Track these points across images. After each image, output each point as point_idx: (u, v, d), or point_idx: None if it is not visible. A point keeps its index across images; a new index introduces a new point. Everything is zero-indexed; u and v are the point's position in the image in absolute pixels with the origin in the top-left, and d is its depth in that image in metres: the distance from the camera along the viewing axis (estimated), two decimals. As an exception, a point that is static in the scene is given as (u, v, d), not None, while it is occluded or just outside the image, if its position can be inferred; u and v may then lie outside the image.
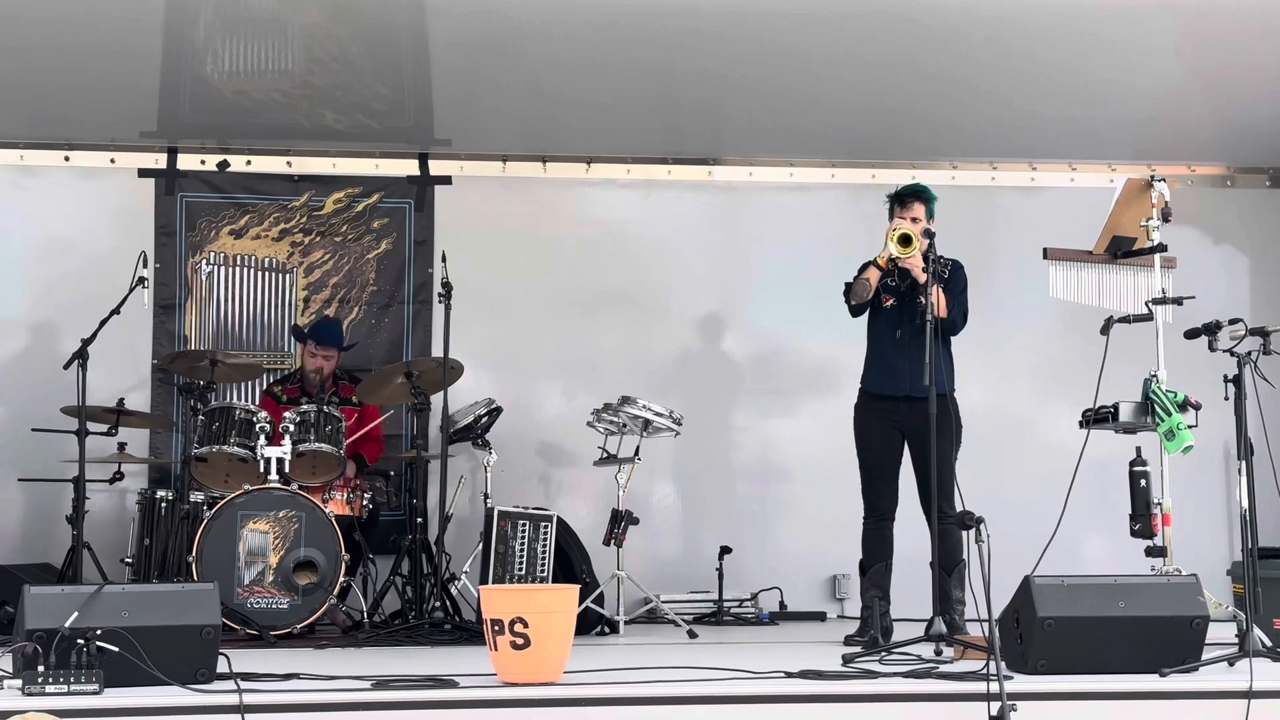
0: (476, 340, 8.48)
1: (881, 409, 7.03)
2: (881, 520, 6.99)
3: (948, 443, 6.66)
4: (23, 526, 8.65)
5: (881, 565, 6.93)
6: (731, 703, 5.09)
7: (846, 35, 7.69)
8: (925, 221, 6.93)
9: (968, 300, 7.04)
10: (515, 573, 7.68)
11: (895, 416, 6.89)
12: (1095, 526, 7.58)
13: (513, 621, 5.14)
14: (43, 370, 8.22)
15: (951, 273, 7.03)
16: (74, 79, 8.09)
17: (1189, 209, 8.26)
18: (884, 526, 6.99)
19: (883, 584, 6.92)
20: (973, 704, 4.93)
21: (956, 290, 6.99)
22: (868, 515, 7.03)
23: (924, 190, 7.09)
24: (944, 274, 6.98)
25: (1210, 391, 6.19)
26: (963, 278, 7.07)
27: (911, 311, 6.89)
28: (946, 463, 6.62)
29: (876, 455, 7.01)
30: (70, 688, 4.79)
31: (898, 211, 7.02)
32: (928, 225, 6.81)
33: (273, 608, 7.20)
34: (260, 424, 7.57)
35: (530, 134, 9.10)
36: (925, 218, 6.96)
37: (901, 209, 7.01)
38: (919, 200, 7.02)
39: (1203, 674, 5.39)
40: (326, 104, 8.57)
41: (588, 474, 8.52)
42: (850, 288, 7.04)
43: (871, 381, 7.11)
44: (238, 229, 9.08)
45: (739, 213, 9.46)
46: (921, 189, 7.10)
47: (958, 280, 7.04)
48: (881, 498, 7.00)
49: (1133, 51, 7.94)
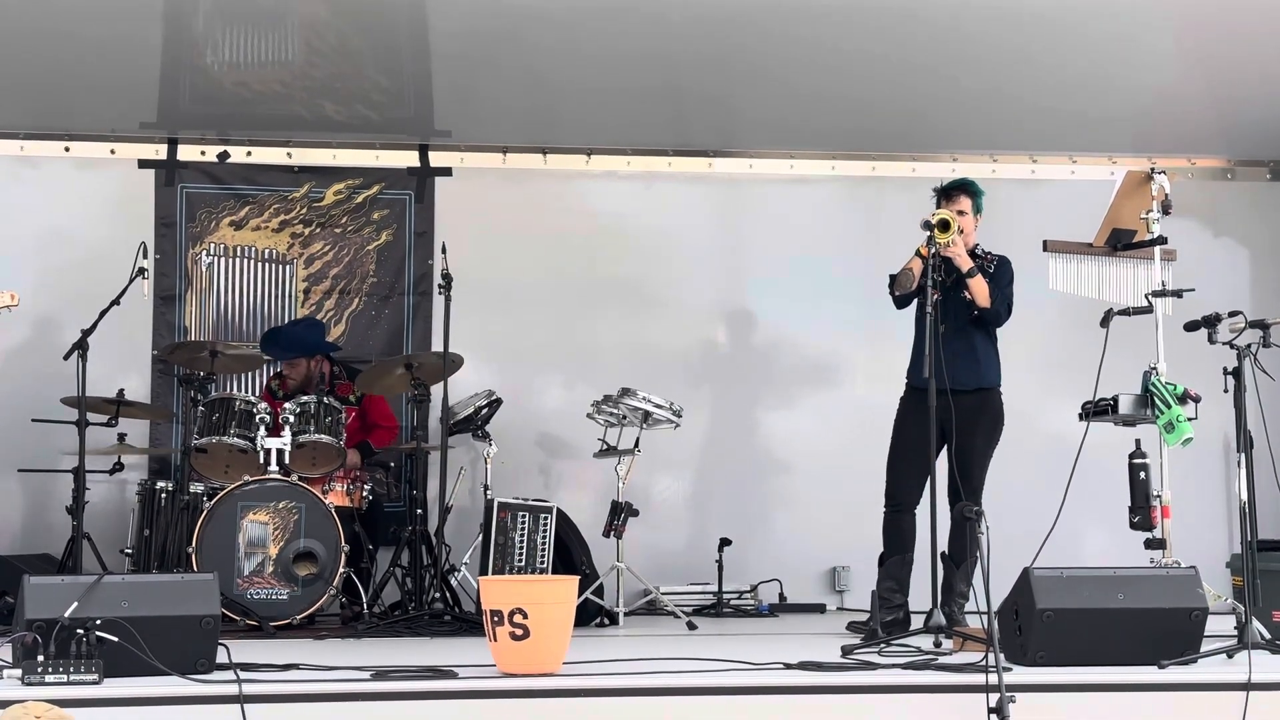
0: (476, 332, 8.49)
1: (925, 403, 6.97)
2: (899, 512, 6.95)
3: (985, 438, 6.64)
4: (22, 517, 8.66)
5: (898, 558, 6.91)
6: (730, 694, 5.10)
7: (848, 26, 7.67)
8: (972, 215, 6.91)
9: (1013, 294, 6.99)
10: (515, 564, 7.68)
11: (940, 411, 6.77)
12: (1095, 519, 7.57)
13: (512, 612, 5.14)
14: (42, 361, 8.21)
15: (997, 267, 7.00)
16: (74, 69, 8.08)
17: (1189, 202, 8.24)
18: (901, 519, 6.95)
19: (898, 576, 6.87)
20: (972, 696, 4.93)
21: (1002, 283, 6.95)
22: (886, 505, 6.99)
23: (970, 184, 7.03)
24: (989, 268, 6.96)
25: (1210, 384, 6.20)
26: (1009, 272, 7.03)
27: (955, 305, 6.78)
28: (980, 457, 6.60)
29: (910, 446, 6.86)
30: (70, 677, 4.80)
31: (943, 205, 6.92)
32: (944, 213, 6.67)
33: (272, 598, 7.21)
34: (260, 415, 7.57)
35: (530, 126, 9.09)
36: (971, 211, 6.92)
37: (947, 203, 6.93)
38: (965, 193, 6.97)
39: (1201, 666, 5.40)
40: (326, 95, 8.57)
41: (587, 466, 8.52)
42: (894, 279, 6.95)
43: (915, 375, 6.96)
44: (238, 220, 9.08)
45: (739, 205, 9.46)
46: (967, 182, 7.04)
47: (1003, 274, 7.00)
48: (902, 489, 6.93)
49: (1133, 44, 7.93)
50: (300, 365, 8.36)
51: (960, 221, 6.68)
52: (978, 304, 6.79)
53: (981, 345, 6.91)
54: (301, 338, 8.46)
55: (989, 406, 6.72)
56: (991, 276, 6.91)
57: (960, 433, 6.33)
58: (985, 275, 6.85)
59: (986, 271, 6.90)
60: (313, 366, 8.38)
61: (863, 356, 9.04)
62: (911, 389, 7.01)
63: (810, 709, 5.06)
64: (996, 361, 7.00)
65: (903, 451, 6.96)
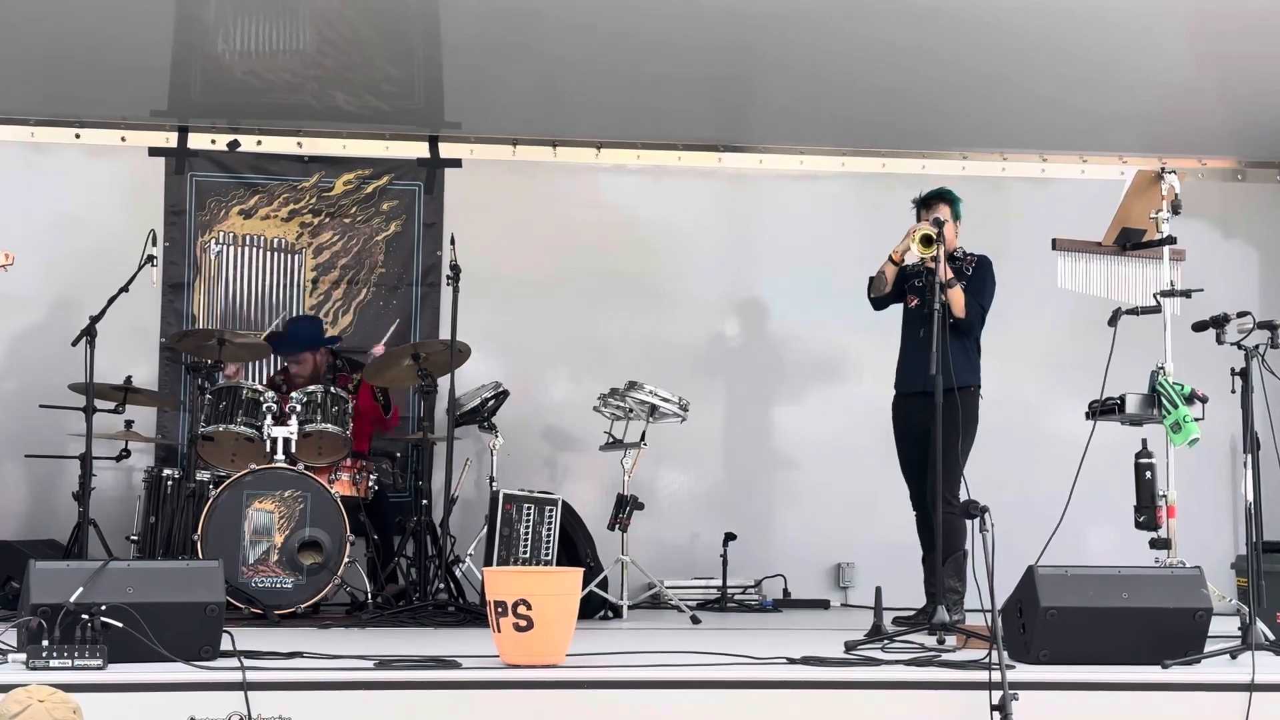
0: (484, 324, 8.49)
1: (908, 407, 7.17)
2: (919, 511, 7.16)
3: (954, 432, 6.66)
4: (29, 502, 8.67)
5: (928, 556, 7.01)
6: (733, 688, 5.10)
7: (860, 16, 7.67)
8: (952, 223, 6.98)
9: (990, 298, 7.15)
10: (519, 556, 7.68)
11: (921, 413, 6.85)
12: (1100, 518, 7.56)
13: (516, 603, 5.15)
14: (51, 347, 8.22)
15: (975, 270, 7.10)
16: (85, 56, 8.10)
17: (1199, 202, 8.22)
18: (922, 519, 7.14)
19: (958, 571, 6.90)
20: (975, 693, 4.94)
21: (975, 289, 7.09)
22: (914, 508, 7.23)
23: (947, 192, 7.20)
24: (967, 270, 7.04)
25: (1217, 384, 6.18)
26: (989, 275, 7.18)
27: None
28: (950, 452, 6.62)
29: (905, 452, 7.21)
30: (74, 663, 4.82)
31: (923, 215, 7.08)
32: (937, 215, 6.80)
33: (277, 587, 7.22)
34: (267, 404, 7.58)
35: (541, 118, 9.10)
36: (951, 219, 7.00)
37: (927, 212, 7.08)
38: (943, 202, 7.12)
39: (1205, 666, 5.40)
40: (337, 85, 8.57)
41: (593, 459, 8.51)
42: (871, 282, 7.21)
43: (899, 380, 7.32)
44: (247, 209, 9.09)
45: (748, 200, 9.45)
46: (945, 191, 7.21)
47: (980, 278, 7.14)
48: (913, 491, 7.19)
49: (1145, 42, 7.92)
50: (307, 361, 8.38)
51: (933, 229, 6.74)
52: (953, 313, 6.90)
53: (955, 347, 6.89)
54: (305, 333, 8.51)
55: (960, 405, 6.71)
56: (969, 279, 7.08)
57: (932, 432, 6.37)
58: (963, 277, 7.04)
59: (964, 274, 7.07)
60: (319, 360, 8.40)
61: (871, 353, 8.98)
62: (897, 393, 7.33)
63: (813, 704, 5.06)
64: (971, 362, 7.11)
65: (904, 458, 7.24)
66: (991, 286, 7.20)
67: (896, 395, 7.33)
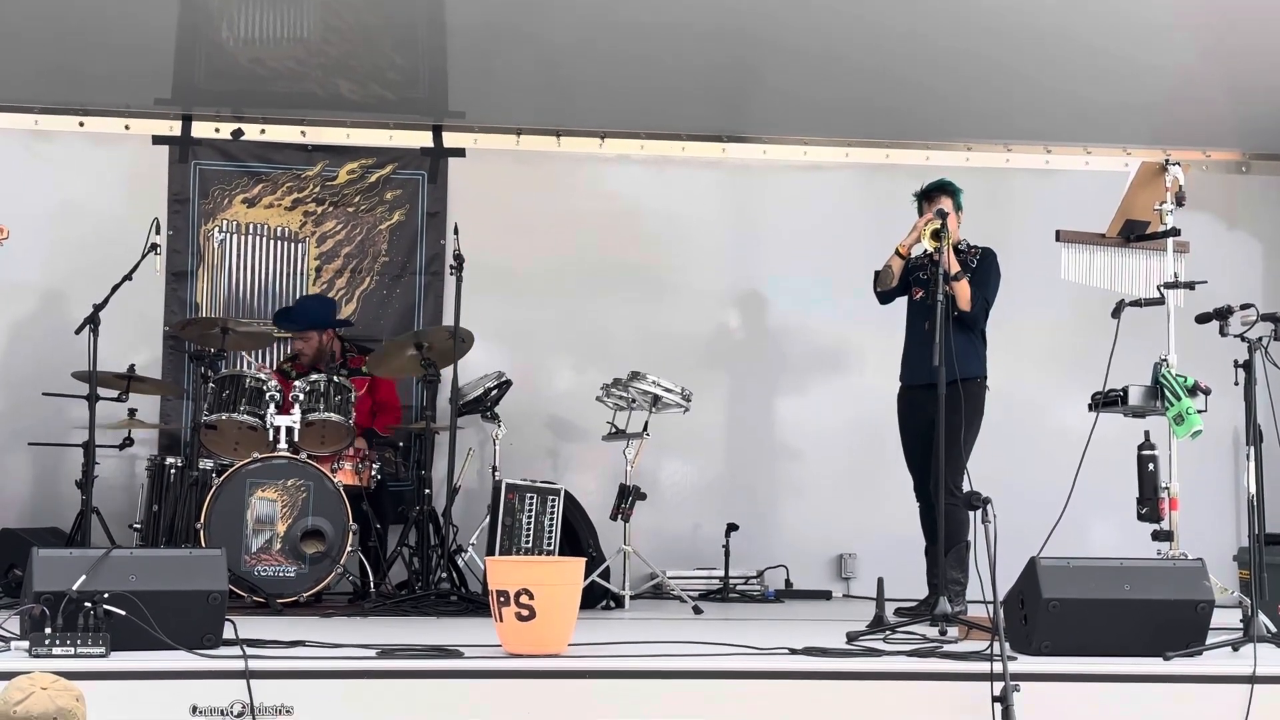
0: (487, 313, 8.47)
1: (913, 399, 7.17)
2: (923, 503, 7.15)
3: (957, 424, 6.66)
4: (32, 490, 8.67)
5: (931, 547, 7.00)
6: (735, 678, 5.11)
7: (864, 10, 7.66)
8: (954, 214, 6.99)
9: (994, 290, 7.16)
10: (522, 545, 7.68)
11: (927, 406, 6.84)
12: (1102, 510, 7.57)
13: (518, 593, 5.15)
14: (54, 335, 8.22)
15: (980, 262, 7.12)
16: (89, 44, 8.09)
17: (1203, 194, 8.21)
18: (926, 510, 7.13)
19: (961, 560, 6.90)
20: (976, 684, 4.95)
21: (980, 281, 7.10)
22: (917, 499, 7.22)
23: (948, 184, 7.23)
24: (971, 263, 7.06)
25: (1220, 377, 6.18)
26: (992, 268, 7.19)
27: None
28: (954, 444, 6.61)
29: (909, 443, 7.21)
30: (77, 650, 4.82)
31: (925, 208, 7.12)
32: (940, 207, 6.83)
33: (280, 576, 7.23)
34: (270, 392, 7.59)
35: (545, 108, 9.09)
36: (953, 210, 7.02)
37: (928, 204, 7.11)
38: (944, 194, 7.15)
39: (1206, 658, 5.41)
40: (341, 73, 8.56)
41: (596, 449, 8.51)
42: (878, 275, 7.21)
43: (904, 372, 7.33)
44: (251, 198, 9.08)
45: (752, 191, 9.44)
46: (945, 183, 7.24)
47: (985, 270, 7.15)
48: (920, 483, 7.17)
49: (1150, 34, 7.92)
50: (312, 339, 8.37)
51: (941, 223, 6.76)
52: (958, 306, 6.94)
53: (960, 339, 6.89)
54: (314, 311, 8.50)
55: (966, 396, 6.70)
56: (974, 272, 7.10)
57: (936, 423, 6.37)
58: (968, 269, 7.06)
59: (969, 266, 7.09)
60: (324, 341, 8.39)
61: (874, 344, 8.97)
62: (902, 385, 7.33)
63: (815, 694, 5.07)
64: (977, 353, 7.12)
65: (907, 450, 7.24)
66: (996, 279, 7.20)
67: (902, 387, 7.34)
